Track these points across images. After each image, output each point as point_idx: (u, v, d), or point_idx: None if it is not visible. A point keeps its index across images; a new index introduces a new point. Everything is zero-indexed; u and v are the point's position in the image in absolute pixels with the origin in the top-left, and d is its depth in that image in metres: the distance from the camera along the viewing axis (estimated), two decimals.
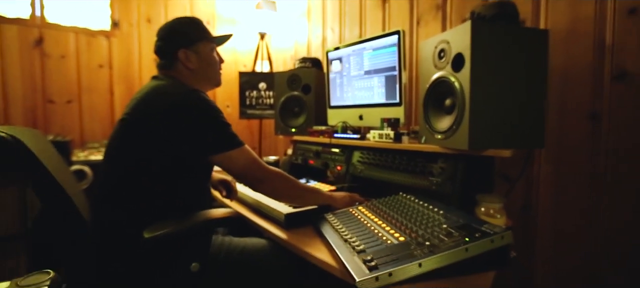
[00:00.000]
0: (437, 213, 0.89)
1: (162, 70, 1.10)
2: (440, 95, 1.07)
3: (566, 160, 1.12)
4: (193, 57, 1.08)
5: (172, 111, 0.91)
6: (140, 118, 0.92)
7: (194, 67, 1.08)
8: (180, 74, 1.08)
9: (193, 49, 1.08)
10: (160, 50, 1.10)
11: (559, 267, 1.14)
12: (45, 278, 0.71)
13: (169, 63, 1.09)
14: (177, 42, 1.08)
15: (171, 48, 1.08)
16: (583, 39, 1.07)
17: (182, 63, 1.07)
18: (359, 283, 0.66)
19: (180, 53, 1.06)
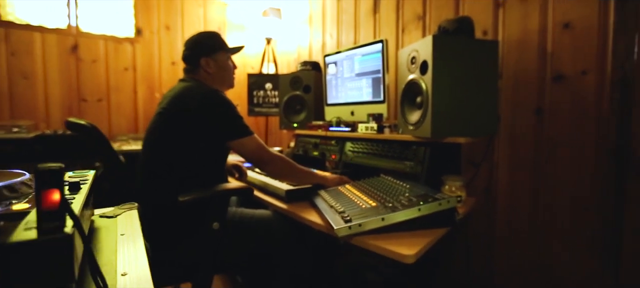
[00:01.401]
0: (404, 187, 1.14)
1: (188, 74, 1.36)
2: (413, 94, 1.31)
3: (517, 147, 1.35)
4: (212, 63, 1.34)
5: (199, 107, 1.17)
6: (174, 112, 1.18)
7: (212, 72, 1.34)
8: (202, 77, 1.34)
9: (212, 57, 1.34)
10: (186, 57, 1.36)
11: (513, 234, 1.38)
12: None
13: (194, 68, 1.35)
14: (200, 51, 1.34)
15: (195, 56, 1.34)
16: (530, 47, 1.30)
17: (203, 68, 1.33)
18: (337, 230, 0.91)
19: (202, 60, 1.32)
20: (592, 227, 1.17)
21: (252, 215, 1.26)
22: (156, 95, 2.61)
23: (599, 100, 1.14)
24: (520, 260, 1.35)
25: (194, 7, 2.77)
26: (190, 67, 1.36)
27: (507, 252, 1.40)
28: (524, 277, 1.34)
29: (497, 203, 1.42)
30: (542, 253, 1.29)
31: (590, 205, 1.17)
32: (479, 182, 1.47)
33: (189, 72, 1.36)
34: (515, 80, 1.35)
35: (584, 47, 1.16)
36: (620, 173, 1.10)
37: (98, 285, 0.33)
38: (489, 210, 1.44)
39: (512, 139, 1.36)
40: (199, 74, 1.34)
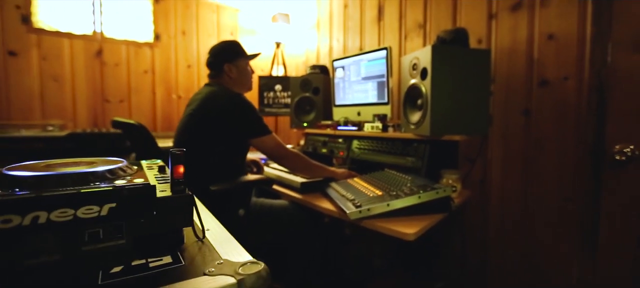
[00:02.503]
0: (407, 179, 1.30)
1: (212, 78, 1.52)
2: (414, 97, 1.46)
3: (508, 145, 1.51)
4: (234, 69, 1.50)
5: (225, 109, 1.33)
6: (203, 113, 1.34)
7: (234, 76, 1.50)
8: (224, 81, 1.50)
9: (234, 63, 1.50)
10: (211, 64, 1.52)
11: (505, 222, 1.53)
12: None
13: (218, 73, 1.51)
14: (223, 58, 1.50)
15: (219, 63, 1.50)
16: (519, 55, 1.45)
17: (226, 74, 1.49)
18: (349, 214, 1.07)
19: (225, 66, 1.48)
20: (573, 214, 1.32)
21: (271, 205, 1.42)
22: (173, 97, 2.78)
23: (578, 102, 1.29)
24: (511, 246, 1.51)
25: (208, 13, 2.94)
26: (214, 73, 1.52)
27: (499, 238, 1.56)
28: (515, 260, 1.50)
29: (490, 195, 1.58)
30: (530, 239, 1.45)
31: (571, 196, 1.32)
32: (474, 176, 1.62)
33: (213, 77, 1.52)
34: (506, 84, 1.51)
35: (565, 55, 1.32)
36: (596, 167, 1.26)
37: (202, 227, 0.49)
38: (483, 202, 1.60)
39: (504, 137, 1.52)
40: (223, 79, 1.50)
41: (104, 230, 0.39)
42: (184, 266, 0.41)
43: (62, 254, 0.37)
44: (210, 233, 0.54)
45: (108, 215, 0.38)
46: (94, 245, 0.38)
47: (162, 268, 0.40)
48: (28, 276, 0.35)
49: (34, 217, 0.34)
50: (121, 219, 0.39)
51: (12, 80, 2.15)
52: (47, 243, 0.36)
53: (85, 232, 0.38)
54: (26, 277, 0.35)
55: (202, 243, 0.49)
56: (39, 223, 0.35)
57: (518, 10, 1.45)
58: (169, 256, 0.43)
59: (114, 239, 0.39)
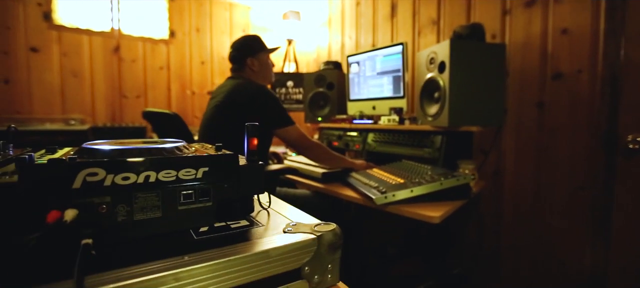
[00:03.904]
0: (426, 168, 1.34)
1: (236, 72, 1.57)
2: (431, 90, 1.51)
3: (522, 137, 1.55)
4: (256, 63, 1.55)
5: (251, 101, 1.38)
6: (229, 105, 1.39)
7: (256, 70, 1.55)
8: (247, 74, 1.55)
9: (256, 57, 1.55)
10: (234, 58, 1.57)
11: (518, 211, 1.58)
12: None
13: (240, 67, 1.56)
14: (246, 52, 1.55)
15: (242, 57, 1.54)
16: (533, 49, 1.50)
17: (249, 67, 1.54)
18: (375, 200, 1.12)
19: (248, 60, 1.53)
20: (586, 203, 1.37)
21: (294, 194, 1.47)
22: (187, 92, 2.83)
23: (591, 94, 1.34)
24: (524, 234, 1.56)
25: (221, 10, 2.99)
26: (237, 66, 1.57)
27: (513, 227, 1.60)
28: (528, 248, 1.55)
29: (504, 185, 1.63)
30: (543, 227, 1.49)
31: (585, 185, 1.37)
32: (488, 167, 1.67)
33: (236, 70, 1.57)
34: (520, 77, 1.55)
35: (579, 49, 1.36)
36: (610, 156, 1.30)
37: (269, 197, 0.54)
38: (496, 191, 1.65)
39: (517, 129, 1.57)
40: (245, 72, 1.55)
41: (195, 193, 0.44)
42: (263, 227, 0.46)
43: (163, 212, 0.42)
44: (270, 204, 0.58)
45: (201, 177, 0.43)
46: (188, 205, 0.43)
47: (243, 228, 0.45)
48: (137, 229, 0.40)
49: (146, 176, 0.39)
50: (210, 182, 0.44)
51: (34, 75, 2.20)
52: (151, 202, 0.41)
53: (181, 193, 0.43)
54: (136, 229, 0.40)
55: (268, 211, 0.54)
56: (149, 181, 0.40)
57: (532, 6, 1.49)
58: (244, 220, 0.48)
59: (203, 201, 0.44)
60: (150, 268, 0.32)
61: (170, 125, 1.17)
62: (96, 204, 0.37)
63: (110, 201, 0.38)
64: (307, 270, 0.41)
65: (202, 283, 0.34)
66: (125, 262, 0.34)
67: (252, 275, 0.37)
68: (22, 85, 2.17)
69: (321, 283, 0.43)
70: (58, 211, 0.34)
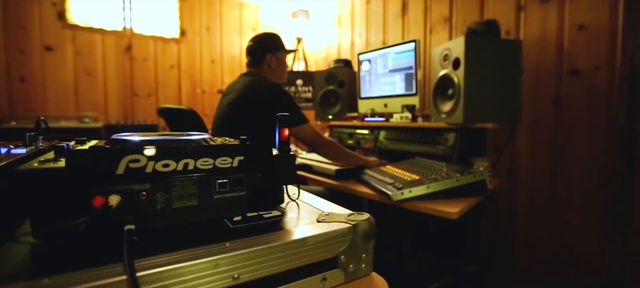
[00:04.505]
0: (441, 165, 1.34)
1: (252, 67, 1.57)
2: (444, 87, 1.50)
3: (537, 133, 1.54)
4: (274, 60, 1.55)
5: (266, 98, 1.38)
6: (244, 101, 1.40)
7: (273, 67, 1.55)
8: (264, 71, 1.55)
9: (275, 54, 1.55)
10: (253, 52, 1.56)
11: (533, 209, 1.56)
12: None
13: (258, 62, 1.55)
14: (266, 48, 1.55)
15: (261, 52, 1.55)
16: (548, 45, 1.48)
17: (267, 63, 1.54)
18: (392, 196, 1.12)
19: (267, 56, 1.53)
20: (604, 199, 1.35)
21: (309, 190, 1.47)
22: (197, 91, 2.85)
23: (609, 91, 1.32)
24: (539, 231, 1.54)
25: (230, 9, 3.00)
26: (254, 61, 1.56)
27: (528, 224, 1.59)
28: (544, 246, 1.53)
29: (518, 182, 1.61)
30: (560, 225, 1.48)
31: (603, 181, 1.35)
32: (502, 165, 1.65)
33: (252, 65, 1.57)
34: (535, 74, 1.54)
35: (596, 45, 1.35)
36: (628, 153, 1.28)
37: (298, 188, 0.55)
38: (511, 189, 1.63)
39: (533, 126, 1.55)
40: (262, 68, 1.55)
41: (230, 182, 0.44)
42: (295, 217, 0.46)
43: (199, 201, 0.42)
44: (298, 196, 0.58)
45: (237, 166, 0.43)
46: (223, 194, 0.43)
47: (275, 218, 0.46)
48: (175, 217, 0.41)
49: (185, 163, 0.40)
50: (244, 172, 0.44)
51: (49, 74, 2.23)
52: (189, 190, 0.41)
53: (216, 182, 0.43)
54: (173, 217, 0.41)
55: (296, 203, 0.54)
56: (188, 169, 0.40)
57: (548, 1, 1.48)
58: (276, 211, 0.48)
59: (237, 191, 0.44)
60: (194, 253, 0.33)
61: (186, 121, 1.18)
62: (137, 191, 0.38)
63: (150, 188, 0.38)
64: (343, 259, 0.41)
65: (243, 269, 0.34)
66: (167, 247, 0.34)
67: (290, 263, 0.37)
68: (37, 84, 2.20)
69: (356, 273, 0.43)
70: (102, 197, 0.35)
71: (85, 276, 0.28)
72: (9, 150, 0.47)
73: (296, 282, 0.38)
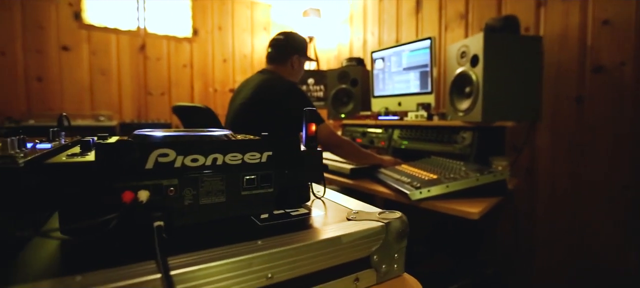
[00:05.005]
0: (459, 164, 1.31)
1: (273, 63, 1.55)
2: (461, 85, 1.47)
3: (558, 132, 1.49)
4: (297, 63, 1.54)
5: (283, 98, 1.37)
6: (259, 100, 1.38)
7: (295, 69, 1.55)
8: (284, 70, 1.53)
9: (300, 59, 1.55)
10: (279, 47, 1.53)
11: (554, 210, 1.52)
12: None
13: (283, 59, 1.53)
14: (296, 48, 1.54)
15: (290, 51, 1.53)
16: (571, 42, 1.44)
17: (291, 63, 1.53)
18: (410, 195, 1.10)
19: (294, 56, 1.52)
20: (630, 202, 1.30)
21: None
22: (209, 90, 2.86)
23: (636, 87, 1.27)
24: (560, 233, 1.50)
25: (242, 9, 3.01)
26: (278, 56, 1.53)
27: (547, 226, 1.54)
28: (565, 248, 1.49)
29: (538, 182, 1.57)
30: (581, 228, 1.43)
31: (629, 184, 1.30)
32: (520, 164, 1.61)
33: (274, 62, 1.54)
34: (556, 71, 1.49)
35: (622, 40, 1.30)
36: None
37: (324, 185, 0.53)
38: (530, 189, 1.59)
39: (553, 125, 1.51)
40: (285, 66, 1.53)
41: (258, 178, 0.43)
42: (323, 214, 0.45)
43: (226, 197, 0.41)
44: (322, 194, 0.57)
45: (266, 161, 0.42)
46: (250, 191, 0.42)
47: (303, 216, 0.44)
48: (202, 213, 0.39)
49: (214, 158, 0.38)
50: (272, 168, 0.43)
51: (65, 73, 2.27)
52: (216, 186, 0.40)
53: (244, 178, 0.42)
54: (201, 214, 0.39)
55: (322, 200, 0.53)
56: (216, 164, 0.39)
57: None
58: (302, 208, 0.47)
59: (264, 187, 0.43)
60: (226, 252, 0.31)
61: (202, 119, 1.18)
62: (165, 187, 0.37)
63: (178, 184, 0.37)
64: (376, 259, 0.40)
65: (277, 268, 0.33)
66: (197, 245, 0.33)
67: (324, 262, 0.36)
68: (54, 83, 2.24)
69: (388, 273, 0.41)
70: (131, 192, 0.34)
71: (118, 274, 0.27)
72: (35, 145, 0.46)
73: (329, 283, 0.36)
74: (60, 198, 0.33)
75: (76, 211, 0.33)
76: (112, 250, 0.32)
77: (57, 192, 0.33)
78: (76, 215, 0.33)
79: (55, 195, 0.33)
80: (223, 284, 0.30)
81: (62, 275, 0.27)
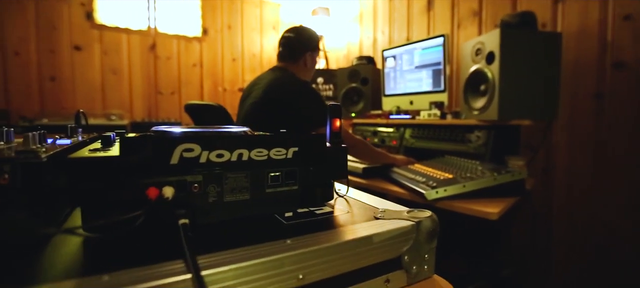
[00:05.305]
0: (474, 164, 1.28)
1: (285, 61, 1.52)
2: (476, 82, 1.44)
3: (576, 131, 1.46)
4: (310, 60, 1.52)
5: (297, 98, 1.35)
6: (271, 99, 1.37)
7: (309, 66, 1.52)
8: (297, 68, 1.51)
9: (312, 54, 1.52)
10: (293, 45, 1.49)
11: (573, 212, 1.48)
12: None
13: (296, 57, 1.50)
14: (309, 45, 1.50)
15: (303, 48, 1.50)
16: (590, 37, 1.40)
17: (304, 61, 1.50)
18: (426, 195, 1.07)
19: (307, 54, 1.49)
20: None
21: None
22: (219, 89, 2.86)
23: None
24: (578, 235, 1.46)
25: (251, 8, 3.01)
26: (290, 55, 1.49)
27: (565, 227, 1.51)
28: (585, 251, 1.45)
29: (554, 182, 1.53)
30: (601, 229, 1.39)
31: None
32: (536, 164, 1.58)
33: (286, 59, 1.50)
34: (574, 68, 1.45)
35: None
36: None
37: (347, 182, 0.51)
38: (546, 190, 1.56)
39: (572, 123, 1.47)
40: (298, 64, 1.50)
41: (282, 175, 0.41)
42: (348, 213, 0.43)
43: (251, 194, 0.39)
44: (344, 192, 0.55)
45: (292, 158, 0.40)
46: (275, 188, 0.41)
47: (328, 215, 0.42)
48: (226, 211, 0.38)
49: (239, 154, 0.37)
50: (297, 165, 0.42)
51: (78, 73, 2.28)
52: (241, 183, 0.38)
53: (268, 175, 0.40)
54: (225, 211, 0.38)
55: (345, 198, 0.51)
56: (242, 159, 0.37)
57: None
58: (327, 207, 0.45)
59: (289, 185, 0.42)
60: (256, 251, 0.30)
61: (214, 117, 1.17)
62: (189, 183, 0.35)
63: (202, 180, 0.36)
64: (407, 260, 0.38)
65: (308, 269, 0.31)
66: (223, 244, 0.31)
67: (356, 263, 0.34)
68: (66, 83, 2.26)
69: (419, 275, 0.39)
70: (156, 188, 0.33)
71: (147, 273, 0.26)
72: (55, 141, 0.45)
73: (360, 284, 0.35)
74: (83, 194, 0.32)
75: (100, 207, 0.32)
76: (135, 248, 0.31)
77: (80, 188, 0.32)
78: (99, 212, 0.32)
79: (78, 191, 0.32)
80: (254, 285, 0.28)
81: (87, 275, 0.26)
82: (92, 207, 0.32)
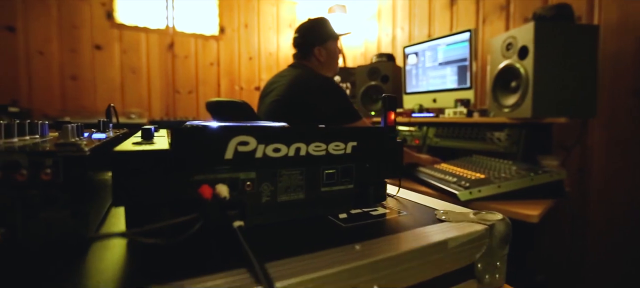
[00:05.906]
0: (507, 163, 1.22)
1: (299, 60, 1.50)
2: (506, 79, 1.38)
3: (614, 129, 1.38)
4: (324, 52, 1.48)
5: (317, 95, 1.31)
6: (292, 97, 1.34)
7: (324, 60, 1.48)
8: (313, 64, 1.48)
9: (324, 45, 1.48)
10: (299, 44, 1.48)
11: (609, 213, 1.41)
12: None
13: (306, 55, 1.48)
14: (314, 40, 1.47)
15: (309, 45, 1.47)
16: (630, 31, 1.33)
17: (316, 57, 1.47)
18: (459, 195, 1.02)
19: (315, 50, 1.46)
20: None
21: None
22: (236, 88, 2.85)
23: None
24: (616, 240, 1.38)
25: (268, 6, 2.99)
26: (302, 54, 1.49)
27: (602, 232, 1.43)
28: (619, 255, 1.37)
29: (590, 184, 1.46)
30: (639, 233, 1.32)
31: None
32: (570, 164, 1.50)
33: (300, 58, 1.49)
34: (613, 63, 1.38)
35: None
36: None
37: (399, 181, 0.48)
38: (581, 192, 1.48)
39: (609, 121, 1.40)
40: (311, 61, 1.48)
41: (337, 173, 0.38)
42: (407, 215, 0.39)
43: (305, 194, 0.36)
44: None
45: (350, 153, 0.37)
46: (330, 187, 0.37)
47: (383, 216, 0.39)
48: (280, 212, 0.35)
49: (297, 148, 0.34)
50: (358, 160, 0.38)
51: (98, 72, 2.30)
52: (295, 181, 0.35)
53: (324, 172, 0.37)
54: (278, 212, 0.35)
55: (396, 198, 0.47)
56: (299, 154, 0.34)
57: None
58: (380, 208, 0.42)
59: (344, 183, 0.38)
60: (327, 259, 0.26)
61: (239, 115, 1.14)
62: (242, 181, 0.32)
63: (256, 178, 0.33)
64: (480, 268, 0.34)
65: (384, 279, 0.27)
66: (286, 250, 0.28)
67: (431, 271, 0.30)
68: (87, 81, 2.28)
69: (490, 285, 0.35)
70: (209, 186, 0.29)
71: (211, 284, 0.22)
72: (91, 135, 0.43)
73: None
74: (130, 191, 0.28)
75: (147, 207, 0.29)
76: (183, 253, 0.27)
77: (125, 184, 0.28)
78: (146, 213, 0.29)
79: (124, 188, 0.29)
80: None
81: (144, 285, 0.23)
82: (139, 207, 0.29)
